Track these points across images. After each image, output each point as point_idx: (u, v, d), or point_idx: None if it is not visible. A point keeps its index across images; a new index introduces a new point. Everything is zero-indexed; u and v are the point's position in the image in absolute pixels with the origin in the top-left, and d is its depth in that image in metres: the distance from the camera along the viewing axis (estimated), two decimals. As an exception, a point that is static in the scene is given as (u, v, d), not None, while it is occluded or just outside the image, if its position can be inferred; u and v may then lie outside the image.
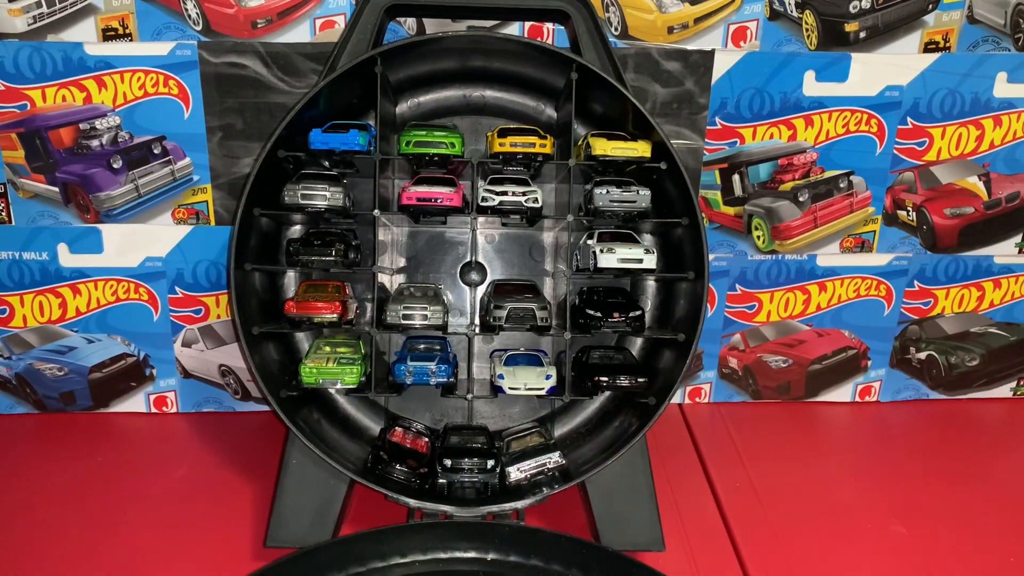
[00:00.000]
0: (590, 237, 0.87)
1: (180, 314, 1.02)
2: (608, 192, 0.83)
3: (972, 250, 1.06)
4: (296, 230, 0.92)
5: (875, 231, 1.04)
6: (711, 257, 0.86)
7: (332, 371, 0.82)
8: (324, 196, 0.82)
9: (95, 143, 0.94)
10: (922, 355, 1.10)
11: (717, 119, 0.98)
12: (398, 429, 0.86)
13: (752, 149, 1.00)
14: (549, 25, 0.95)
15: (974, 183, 1.03)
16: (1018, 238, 1.06)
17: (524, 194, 0.83)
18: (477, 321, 0.92)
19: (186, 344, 1.03)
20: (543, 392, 0.84)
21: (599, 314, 0.84)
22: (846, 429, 1.07)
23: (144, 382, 1.04)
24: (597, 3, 0.93)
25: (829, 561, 0.81)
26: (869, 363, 1.10)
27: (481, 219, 0.89)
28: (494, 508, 0.80)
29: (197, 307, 1.01)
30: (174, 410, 1.06)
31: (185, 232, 0.98)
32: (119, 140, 0.94)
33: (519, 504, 0.80)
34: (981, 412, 1.11)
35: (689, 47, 0.95)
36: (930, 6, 0.95)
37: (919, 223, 1.04)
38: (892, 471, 0.97)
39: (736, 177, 1.01)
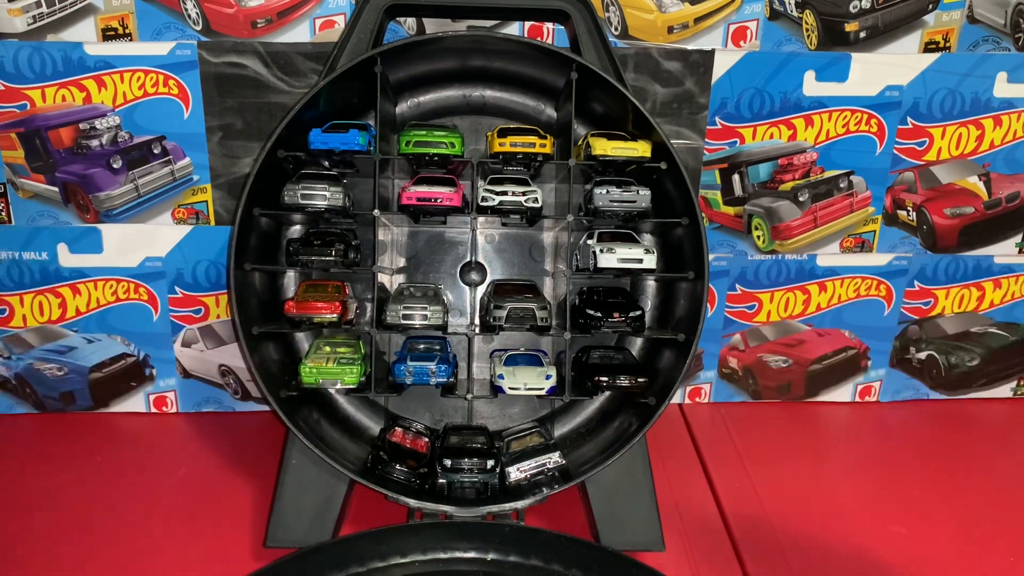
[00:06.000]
0: (590, 237, 0.87)
1: (180, 314, 1.01)
2: (608, 192, 0.83)
3: (972, 250, 1.06)
4: (296, 230, 0.92)
5: (875, 231, 1.04)
6: (711, 257, 0.86)
7: (332, 371, 0.82)
8: (324, 196, 0.82)
9: (95, 143, 0.94)
10: (922, 355, 1.10)
11: (717, 119, 0.98)
12: (398, 429, 0.86)
13: (752, 149, 1.00)
14: (549, 25, 0.95)
15: (974, 183, 1.03)
16: (1018, 238, 1.06)
17: (524, 194, 0.83)
18: (477, 321, 0.92)
19: (186, 344, 1.03)
20: (543, 392, 0.84)
21: (599, 314, 0.84)
22: (846, 429, 1.07)
23: (144, 382, 1.04)
24: (597, 3, 0.93)
25: (829, 561, 0.81)
26: (869, 363, 1.10)
27: (481, 219, 0.89)
28: (494, 508, 0.80)
29: (197, 307, 1.01)
30: (174, 410, 1.06)
31: (185, 232, 0.98)
32: (119, 140, 0.94)
33: (519, 504, 0.80)
34: (981, 412, 1.11)
35: (689, 47, 0.95)
36: (930, 6, 0.95)
37: (919, 223, 1.04)
38: (892, 471, 0.97)
39: (736, 177, 1.01)
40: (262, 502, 0.88)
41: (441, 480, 0.81)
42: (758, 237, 1.03)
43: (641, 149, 0.82)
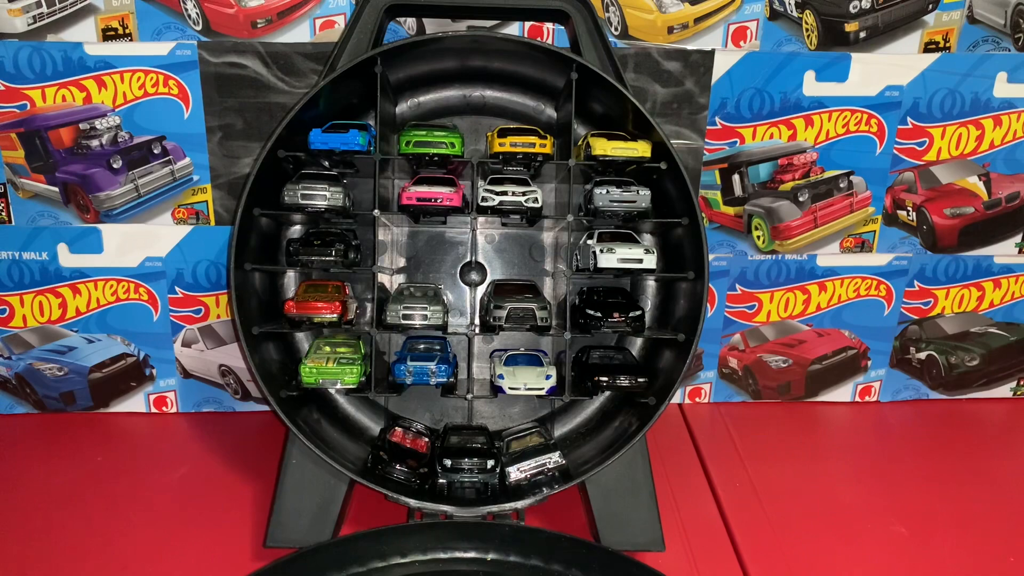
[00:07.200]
0: (590, 237, 0.87)
1: (180, 314, 1.02)
2: (608, 192, 0.83)
3: (972, 250, 1.06)
4: (296, 230, 0.92)
5: (875, 231, 1.04)
6: (711, 257, 0.86)
7: (332, 371, 0.82)
8: (324, 196, 0.82)
9: (95, 143, 0.94)
10: (922, 355, 1.10)
11: (717, 119, 0.98)
12: (398, 429, 0.86)
13: (752, 149, 1.00)
14: (549, 25, 0.95)
15: (974, 183, 1.03)
16: (1018, 238, 1.06)
17: (524, 194, 0.83)
18: (477, 321, 0.92)
19: (186, 344, 1.03)
20: (543, 392, 0.84)
21: (599, 314, 0.84)
22: (846, 429, 1.07)
23: (144, 382, 1.04)
24: (597, 3, 0.93)
25: (829, 561, 0.81)
26: (869, 363, 1.10)
27: (481, 219, 0.89)
28: (494, 508, 0.80)
29: (197, 307, 1.01)
30: (174, 410, 1.06)
31: (185, 232, 0.98)
32: (119, 140, 0.94)
33: (519, 504, 0.80)
34: (981, 412, 1.11)
35: (689, 47, 0.95)
36: (930, 6, 0.95)
37: (919, 223, 1.04)
38: (892, 471, 0.97)
39: (736, 177, 1.01)
40: (262, 502, 0.88)
41: (441, 480, 0.81)
42: (758, 237, 1.03)
43: (641, 149, 0.82)
